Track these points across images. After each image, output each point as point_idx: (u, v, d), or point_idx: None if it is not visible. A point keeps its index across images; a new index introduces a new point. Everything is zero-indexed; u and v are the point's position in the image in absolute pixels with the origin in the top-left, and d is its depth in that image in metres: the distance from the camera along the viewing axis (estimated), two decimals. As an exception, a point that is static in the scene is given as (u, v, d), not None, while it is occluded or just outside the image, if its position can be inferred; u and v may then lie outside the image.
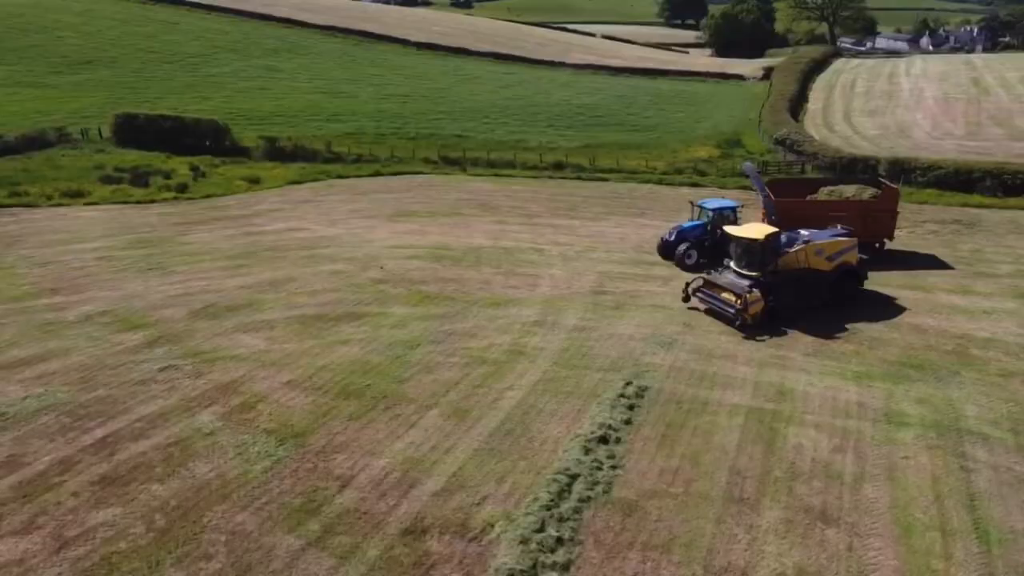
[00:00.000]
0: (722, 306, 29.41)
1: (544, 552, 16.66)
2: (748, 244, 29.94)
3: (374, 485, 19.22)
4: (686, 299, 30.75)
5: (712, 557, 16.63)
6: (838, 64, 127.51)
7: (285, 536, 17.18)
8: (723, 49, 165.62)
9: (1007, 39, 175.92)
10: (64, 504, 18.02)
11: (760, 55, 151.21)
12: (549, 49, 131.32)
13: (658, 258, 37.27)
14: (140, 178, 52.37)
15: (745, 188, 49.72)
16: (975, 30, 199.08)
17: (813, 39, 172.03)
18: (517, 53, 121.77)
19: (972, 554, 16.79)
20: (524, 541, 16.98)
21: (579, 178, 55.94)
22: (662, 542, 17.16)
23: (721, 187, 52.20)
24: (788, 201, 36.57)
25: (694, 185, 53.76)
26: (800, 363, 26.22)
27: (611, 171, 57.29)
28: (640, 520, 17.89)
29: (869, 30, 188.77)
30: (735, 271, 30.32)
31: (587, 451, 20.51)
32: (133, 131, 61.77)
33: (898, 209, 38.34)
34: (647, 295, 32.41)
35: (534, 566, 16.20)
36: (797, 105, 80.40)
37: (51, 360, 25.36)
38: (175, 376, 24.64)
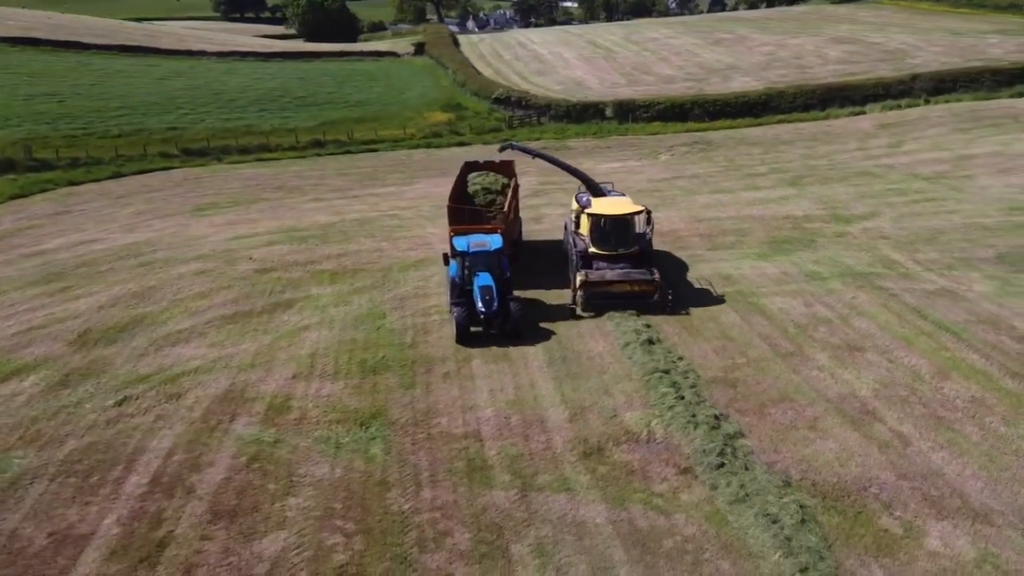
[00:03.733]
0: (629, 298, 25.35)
1: (714, 428, 18.12)
2: (617, 220, 26.32)
3: (509, 431, 18.66)
4: (575, 313, 25.24)
5: (821, 391, 19.63)
6: (464, 39, 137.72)
7: (497, 492, 16.26)
8: (312, 36, 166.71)
9: (533, 20, 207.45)
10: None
11: (353, 39, 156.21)
12: (166, 40, 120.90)
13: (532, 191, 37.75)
14: None
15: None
16: (508, 13, 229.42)
17: (416, 20, 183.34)
18: (148, 44, 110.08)
19: (948, 342, 22.10)
20: (694, 424, 18.24)
21: (349, 152, 54.09)
22: (778, 395, 19.73)
23: (485, 144, 54.82)
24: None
25: (460, 144, 55.61)
26: (713, 255, 30.22)
27: (372, 142, 56.35)
28: (745, 387, 20.20)
29: (468, 13, 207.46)
30: (599, 254, 26.16)
31: (649, 352, 22.07)
32: None
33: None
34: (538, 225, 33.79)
35: (721, 442, 17.62)
36: (476, 72, 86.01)
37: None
38: (145, 405, 20.30)
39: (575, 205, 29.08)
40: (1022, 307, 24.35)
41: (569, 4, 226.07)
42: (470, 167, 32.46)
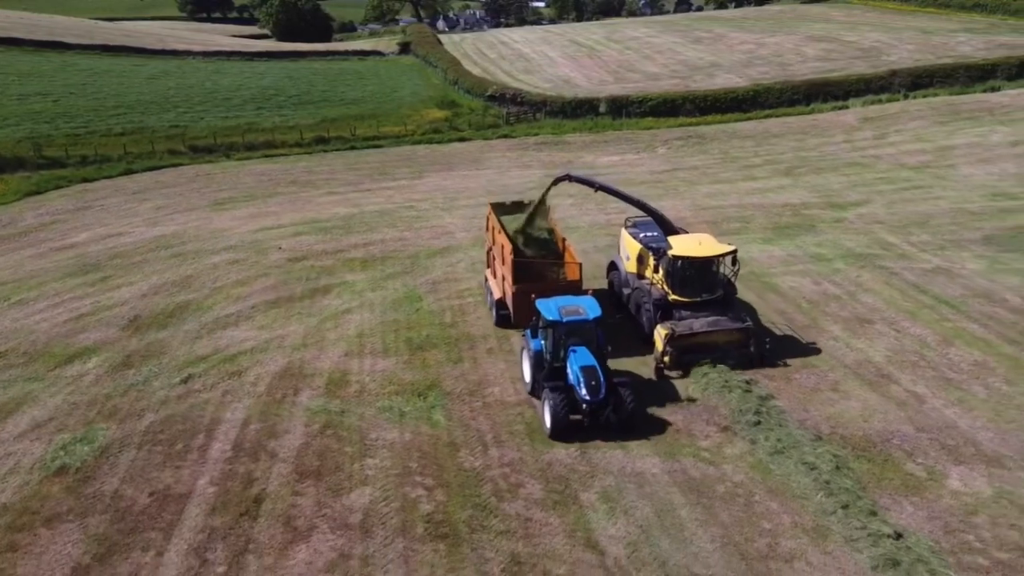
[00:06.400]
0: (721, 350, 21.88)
1: (747, 392, 19.82)
2: (703, 263, 22.88)
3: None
4: (663, 373, 21.43)
5: (839, 358, 21.37)
6: (446, 38, 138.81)
7: (559, 450, 17.83)
8: (285, 36, 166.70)
9: (503, 20, 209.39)
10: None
11: (327, 39, 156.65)
12: (147, 40, 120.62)
13: (529, 187, 37.83)
14: None
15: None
16: (478, 13, 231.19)
17: (391, 21, 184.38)
18: (132, 44, 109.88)
19: (949, 314, 23.95)
20: (728, 388, 19.95)
21: (353, 147, 55.15)
22: (800, 363, 21.49)
23: (485, 139, 56.43)
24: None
25: (461, 140, 57.20)
26: (726, 241, 31.68)
27: (376, 139, 57.51)
28: (770, 356, 21.88)
29: (437, 14, 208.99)
30: (683, 302, 22.63)
31: (678, 328, 23.61)
32: None
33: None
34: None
35: (755, 403, 19.31)
36: (466, 71, 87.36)
37: (31, 409, 20.37)
38: (210, 382, 21.58)
39: (630, 241, 25.19)
40: (1012, 283, 26.38)
41: (539, 4, 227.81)
42: (499, 209, 26.21)
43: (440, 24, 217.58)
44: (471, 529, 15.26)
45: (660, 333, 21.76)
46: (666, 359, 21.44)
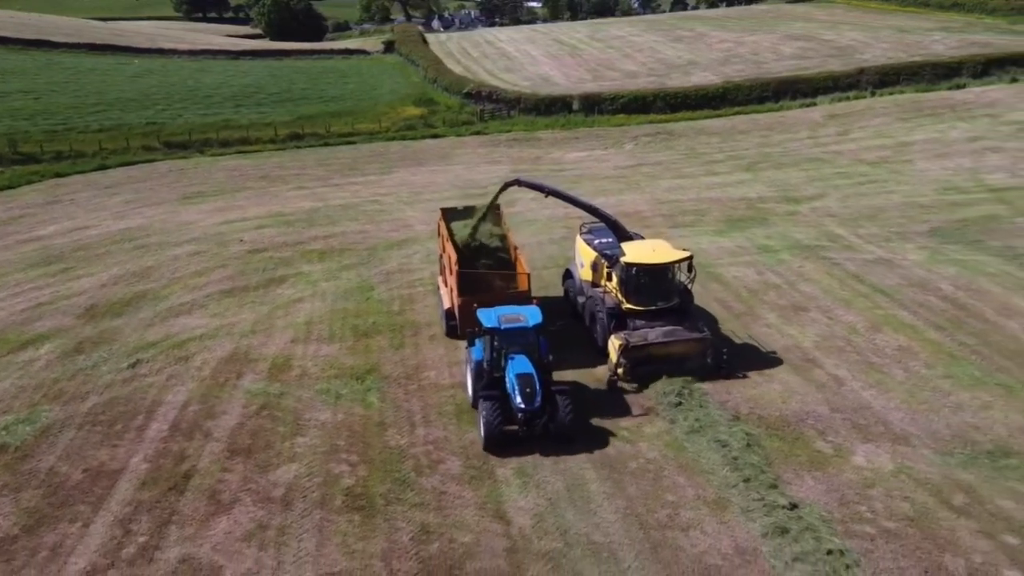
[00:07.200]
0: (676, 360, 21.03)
1: (672, 376, 20.48)
2: (657, 270, 22.04)
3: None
4: (616, 385, 20.55)
5: (768, 344, 22.08)
6: (433, 37, 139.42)
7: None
8: (278, 36, 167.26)
9: (498, 20, 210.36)
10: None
11: (319, 39, 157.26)
12: (135, 39, 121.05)
13: (493, 182, 37.45)
14: None
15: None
16: (473, 13, 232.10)
17: (382, 20, 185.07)
18: (117, 43, 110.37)
19: (882, 302, 24.67)
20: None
21: (327, 144, 55.91)
22: (730, 348, 22.12)
23: (458, 136, 57.10)
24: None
25: (434, 137, 57.81)
26: (674, 232, 32.53)
27: (350, 135, 58.21)
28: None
29: (432, 13, 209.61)
30: (637, 311, 21.80)
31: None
32: None
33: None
34: (514, 215, 35.47)
35: (679, 386, 19.99)
36: (446, 69, 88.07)
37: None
38: (157, 367, 22.21)
39: (584, 248, 24.52)
40: (949, 272, 27.12)
41: (534, 4, 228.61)
42: (450, 214, 25.81)
43: (435, 24, 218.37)
44: (387, 502, 15.91)
45: (613, 344, 21.00)
46: (620, 371, 20.67)
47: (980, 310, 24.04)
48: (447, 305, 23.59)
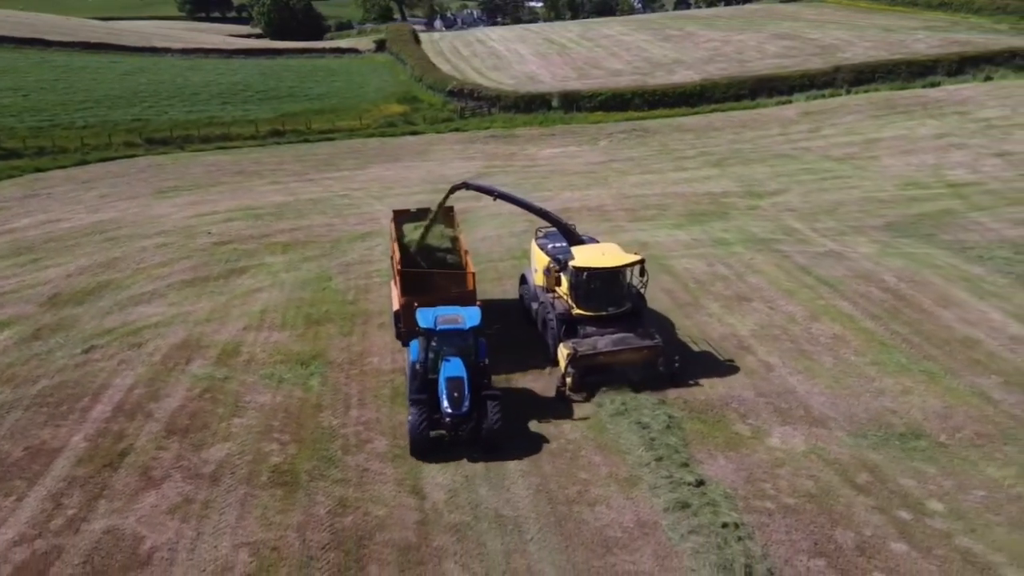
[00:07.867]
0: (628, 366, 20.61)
1: None
2: (607, 274, 21.49)
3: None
4: (563, 394, 19.92)
5: (707, 332, 22.63)
6: (426, 37, 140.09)
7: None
8: (278, 35, 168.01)
9: (499, 19, 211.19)
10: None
11: (319, 38, 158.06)
12: (129, 37, 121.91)
13: (464, 178, 37.16)
14: None
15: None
16: (476, 13, 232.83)
17: (382, 19, 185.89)
18: (112, 42, 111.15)
19: (824, 293, 25.24)
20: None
21: (307, 140, 56.61)
22: (668, 336, 22.67)
23: (436, 133, 57.73)
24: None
25: (414, 134, 58.44)
26: (634, 226, 33.18)
27: (330, 132, 58.88)
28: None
29: (435, 13, 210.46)
30: (588, 317, 21.27)
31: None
32: None
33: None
34: (478, 208, 36.19)
35: None
36: (433, 67, 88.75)
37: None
38: (110, 352, 22.81)
39: (538, 253, 23.88)
40: (895, 265, 27.66)
41: (535, 4, 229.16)
42: (401, 217, 25.65)
43: (437, 23, 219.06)
44: (311, 478, 16.53)
45: (562, 352, 20.37)
46: (568, 380, 19.99)
47: (919, 301, 24.61)
48: (395, 307, 23.40)
